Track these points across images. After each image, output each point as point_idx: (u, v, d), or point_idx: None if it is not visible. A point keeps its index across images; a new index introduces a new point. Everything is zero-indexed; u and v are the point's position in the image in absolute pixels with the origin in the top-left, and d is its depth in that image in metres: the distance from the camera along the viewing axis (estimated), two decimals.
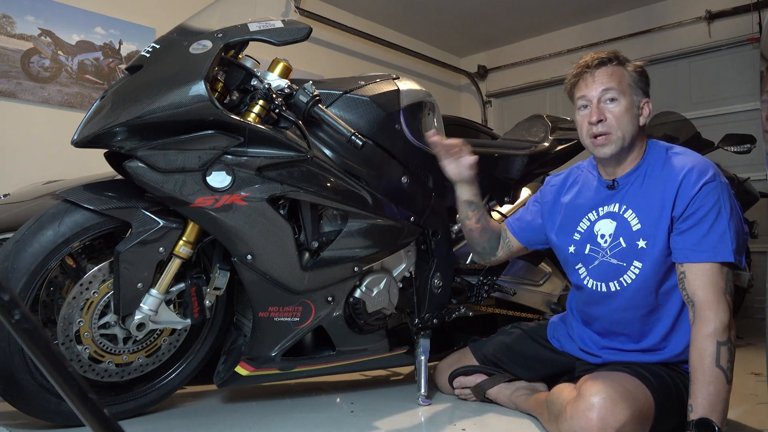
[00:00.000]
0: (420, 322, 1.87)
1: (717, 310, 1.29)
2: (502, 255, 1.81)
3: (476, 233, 1.76)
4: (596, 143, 1.46)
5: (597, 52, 1.51)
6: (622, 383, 1.32)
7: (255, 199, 1.47)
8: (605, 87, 1.44)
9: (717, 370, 1.25)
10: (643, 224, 1.43)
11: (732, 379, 1.27)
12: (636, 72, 1.47)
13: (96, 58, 3.33)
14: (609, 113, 1.44)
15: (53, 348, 0.58)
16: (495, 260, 1.83)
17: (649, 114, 1.48)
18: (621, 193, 1.49)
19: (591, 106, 1.46)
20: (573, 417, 1.29)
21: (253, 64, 1.53)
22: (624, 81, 1.45)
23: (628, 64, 1.48)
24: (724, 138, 3.21)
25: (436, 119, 1.98)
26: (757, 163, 4.10)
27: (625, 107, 1.43)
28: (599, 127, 1.44)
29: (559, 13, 5.06)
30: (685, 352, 1.40)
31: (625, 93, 1.44)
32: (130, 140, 1.36)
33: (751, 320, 3.87)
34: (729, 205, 1.35)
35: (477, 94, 6.03)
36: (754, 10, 4.26)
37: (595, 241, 1.52)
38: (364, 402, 1.79)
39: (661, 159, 1.46)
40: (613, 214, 1.50)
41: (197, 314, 1.53)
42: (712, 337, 1.27)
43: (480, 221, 1.75)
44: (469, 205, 1.74)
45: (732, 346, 1.28)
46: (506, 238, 1.79)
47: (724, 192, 1.36)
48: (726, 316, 1.29)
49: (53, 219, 1.39)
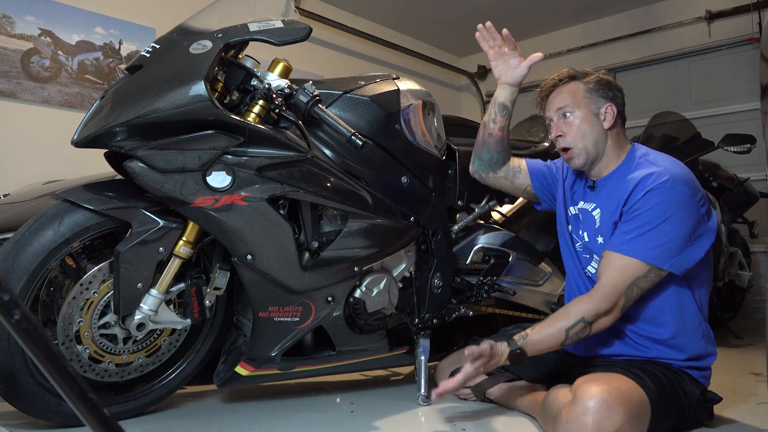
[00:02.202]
0: (420, 322, 1.87)
1: (603, 298, 1.40)
2: (501, 177, 1.82)
3: (493, 139, 1.77)
4: (565, 157, 1.61)
5: (555, 73, 1.65)
6: (617, 386, 1.32)
7: (255, 199, 1.47)
8: (559, 106, 1.59)
9: (563, 332, 1.40)
10: (602, 222, 1.55)
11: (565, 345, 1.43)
12: (592, 81, 1.58)
13: (96, 58, 3.33)
14: (567, 127, 1.57)
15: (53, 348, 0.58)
16: (491, 177, 1.83)
17: (614, 116, 1.55)
18: (596, 194, 1.61)
19: (553, 124, 1.61)
20: (569, 421, 1.29)
21: (253, 64, 1.53)
22: (578, 94, 1.57)
23: (585, 77, 1.59)
24: (724, 138, 3.21)
25: (436, 119, 1.98)
26: (757, 163, 4.10)
27: (581, 117, 1.55)
28: (560, 141, 1.59)
29: (559, 13, 5.06)
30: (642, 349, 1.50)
31: (580, 105, 1.56)
32: (130, 140, 1.36)
33: (751, 320, 3.87)
34: (670, 211, 1.39)
35: (477, 94, 6.03)
36: (754, 10, 4.26)
37: (577, 229, 1.66)
38: (364, 402, 1.79)
39: (633, 165, 1.54)
40: (585, 211, 1.63)
41: (197, 314, 1.53)
42: (582, 312, 1.40)
43: (503, 130, 1.77)
44: (502, 108, 1.76)
45: (588, 330, 1.41)
46: (518, 168, 1.81)
47: (670, 198, 1.40)
48: (605, 307, 1.40)
49: (53, 219, 1.39)
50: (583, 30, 5.28)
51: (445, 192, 1.96)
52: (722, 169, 3.36)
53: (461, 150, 2.01)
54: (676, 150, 2.88)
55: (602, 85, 1.58)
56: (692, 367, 1.48)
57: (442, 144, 1.99)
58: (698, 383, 1.47)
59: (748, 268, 3.54)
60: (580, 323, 1.40)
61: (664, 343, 1.48)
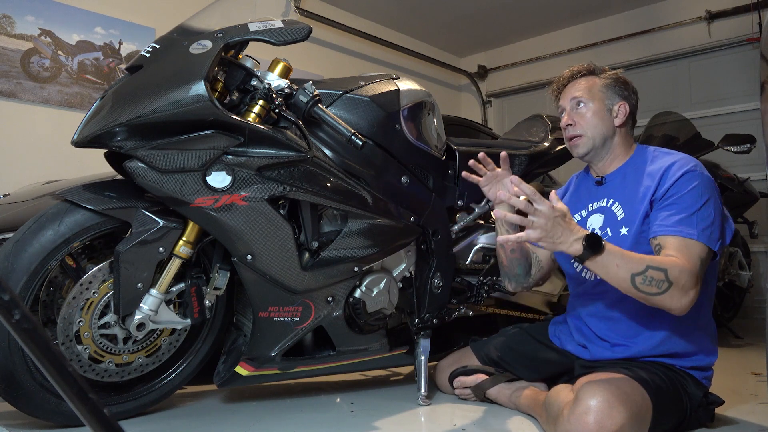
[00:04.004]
0: (420, 322, 1.86)
1: (683, 266, 1.29)
2: (537, 275, 1.72)
3: (517, 253, 1.67)
4: (571, 144, 1.62)
5: (575, 65, 1.67)
6: (619, 386, 1.32)
7: (255, 199, 1.47)
8: (574, 96, 1.60)
9: (644, 264, 1.28)
10: (626, 213, 1.52)
11: (634, 285, 1.28)
12: (610, 78, 1.61)
13: (96, 58, 3.33)
14: (578, 117, 1.59)
15: (53, 348, 0.58)
16: (531, 281, 1.73)
17: (626, 114, 1.58)
18: (609, 189, 1.60)
19: (565, 113, 1.63)
20: (570, 420, 1.29)
21: (253, 64, 1.53)
22: (594, 88, 1.60)
23: (602, 74, 1.62)
24: (724, 138, 3.21)
25: (436, 119, 1.98)
26: (757, 163, 4.10)
27: (594, 110, 1.57)
28: (570, 130, 1.60)
29: (559, 13, 5.06)
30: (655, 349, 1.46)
31: (595, 98, 1.58)
32: (130, 140, 1.36)
33: (751, 320, 3.88)
34: (708, 194, 1.40)
35: (477, 94, 6.03)
36: (754, 10, 4.26)
37: None
38: (364, 402, 1.79)
39: (648, 158, 1.55)
40: (602, 209, 1.59)
41: (197, 314, 1.53)
42: (671, 264, 1.28)
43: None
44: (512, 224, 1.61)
45: (663, 288, 1.27)
46: (534, 254, 1.73)
47: (704, 182, 1.41)
48: (690, 280, 1.28)
49: (53, 219, 1.39)
50: (583, 30, 5.28)
51: (445, 192, 1.96)
52: (722, 169, 3.36)
53: (461, 150, 2.01)
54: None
55: (619, 83, 1.60)
56: (695, 367, 1.48)
57: (442, 144, 1.99)
58: (701, 385, 1.47)
59: (748, 268, 3.54)
60: (662, 273, 1.27)
61: (669, 342, 1.47)
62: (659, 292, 1.28)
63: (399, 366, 2.07)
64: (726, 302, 3.49)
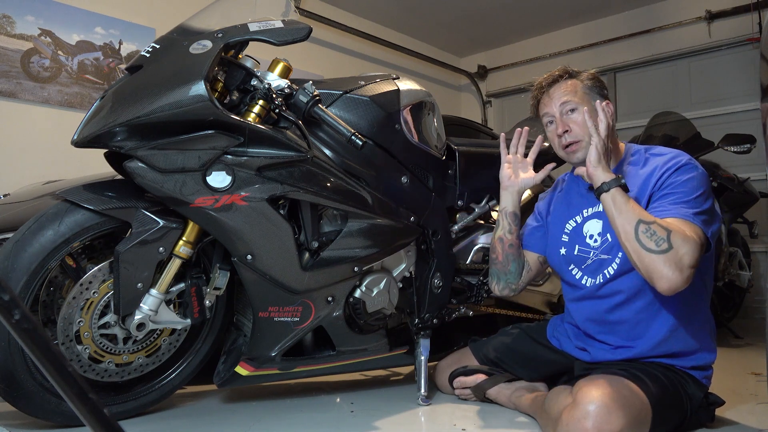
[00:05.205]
0: (420, 322, 1.87)
1: (686, 236, 1.29)
2: (525, 277, 1.73)
3: (514, 249, 1.68)
4: (569, 151, 1.56)
5: (549, 71, 1.64)
6: (618, 389, 1.31)
7: (255, 199, 1.47)
8: (562, 101, 1.56)
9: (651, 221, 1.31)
10: None
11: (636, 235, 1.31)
12: (588, 80, 1.59)
13: (96, 58, 3.33)
14: (572, 123, 1.54)
15: (53, 348, 0.58)
16: (521, 284, 1.73)
17: (612, 112, 1.55)
18: None
19: (555, 121, 1.58)
20: (569, 425, 1.28)
21: (253, 64, 1.53)
22: (579, 91, 1.57)
23: (579, 75, 1.60)
24: (724, 138, 3.21)
25: (436, 119, 1.98)
26: (757, 163, 4.10)
27: (588, 113, 1.52)
28: (566, 137, 1.55)
29: (559, 13, 5.06)
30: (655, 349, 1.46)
31: (583, 101, 1.55)
32: (130, 140, 1.36)
33: (751, 320, 3.88)
34: (703, 187, 1.41)
35: (477, 94, 6.03)
36: (754, 10, 4.26)
37: (584, 242, 1.56)
38: (364, 402, 1.79)
39: (641, 159, 1.53)
40: (599, 214, 1.55)
41: (197, 314, 1.53)
42: (673, 229, 1.29)
43: (519, 237, 1.70)
44: (514, 218, 1.68)
45: (663, 248, 1.28)
46: (524, 258, 1.73)
47: (700, 175, 1.42)
48: (692, 251, 1.28)
49: (53, 219, 1.39)
50: (583, 30, 5.28)
51: (445, 192, 1.96)
52: (722, 169, 3.36)
53: (461, 150, 2.01)
54: None
55: (597, 83, 1.59)
56: (695, 367, 1.47)
57: (442, 144, 1.99)
58: (701, 385, 1.47)
59: (748, 268, 3.54)
60: (665, 232, 1.28)
61: (671, 340, 1.46)
62: (656, 250, 1.28)
63: (399, 366, 2.07)
64: (726, 302, 3.49)
